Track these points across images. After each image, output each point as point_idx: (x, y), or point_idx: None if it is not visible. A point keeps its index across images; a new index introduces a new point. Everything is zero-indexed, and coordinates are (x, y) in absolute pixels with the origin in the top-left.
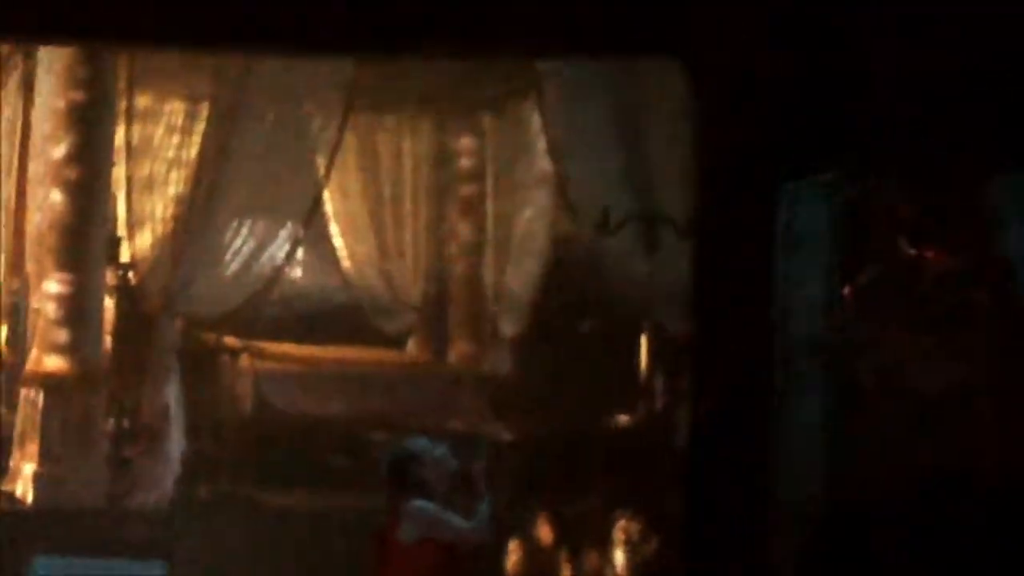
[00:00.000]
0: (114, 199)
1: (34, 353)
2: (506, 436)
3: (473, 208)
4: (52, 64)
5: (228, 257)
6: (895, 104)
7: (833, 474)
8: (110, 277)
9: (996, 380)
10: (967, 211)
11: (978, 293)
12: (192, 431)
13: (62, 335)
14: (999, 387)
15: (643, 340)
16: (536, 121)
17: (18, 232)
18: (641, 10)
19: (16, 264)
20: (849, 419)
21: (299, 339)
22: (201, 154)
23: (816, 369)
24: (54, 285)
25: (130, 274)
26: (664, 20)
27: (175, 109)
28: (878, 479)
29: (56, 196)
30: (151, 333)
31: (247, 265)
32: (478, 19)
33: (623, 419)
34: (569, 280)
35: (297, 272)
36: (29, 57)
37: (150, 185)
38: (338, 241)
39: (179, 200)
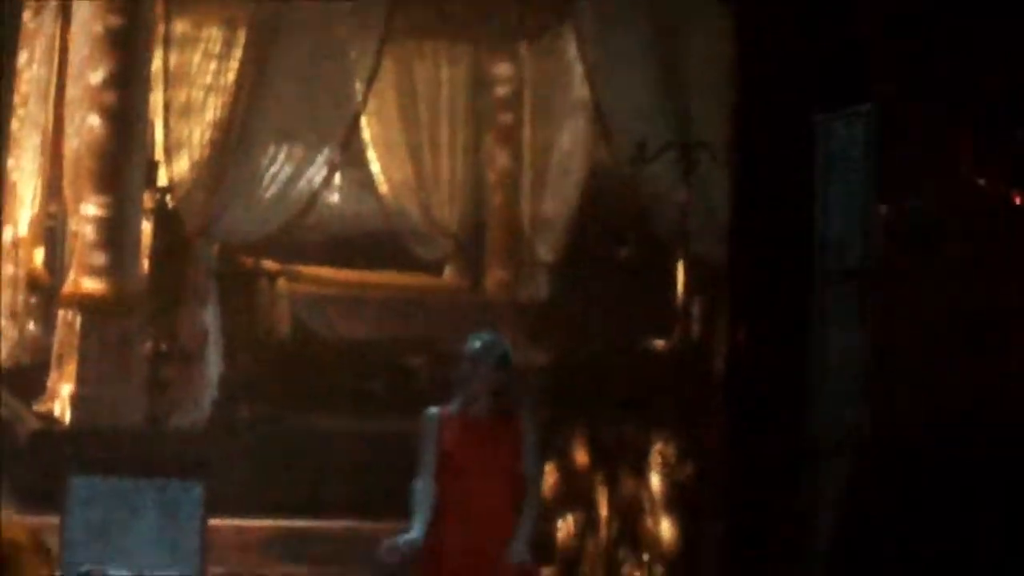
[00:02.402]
0: (151, 124)
1: (71, 275)
2: (542, 361)
3: (510, 136)
4: None
5: (265, 181)
6: (934, 32)
7: (869, 400)
8: (147, 201)
9: None
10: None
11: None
12: (229, 354)
13: (100, 258)
14: None
15: (680, 266)
16: (572, 48)
17: (56, 156)
18: None
19: (54, 187)
20: (886, 346)
21: (336, 263)
22: (238, 80)
23: (853, 296)
24: (92, 208)
25: (167, 198)
26: None
27: (212, 35)
28: (916, 406)
29: (94, 120)
30: (188, 256)
31: (284, 190)
32: None
33: (659, 344)
34: (606, 206)
35: (334, 197)
36: None
37: (187, 110)
38: (375, 167)
39: (216, 125)
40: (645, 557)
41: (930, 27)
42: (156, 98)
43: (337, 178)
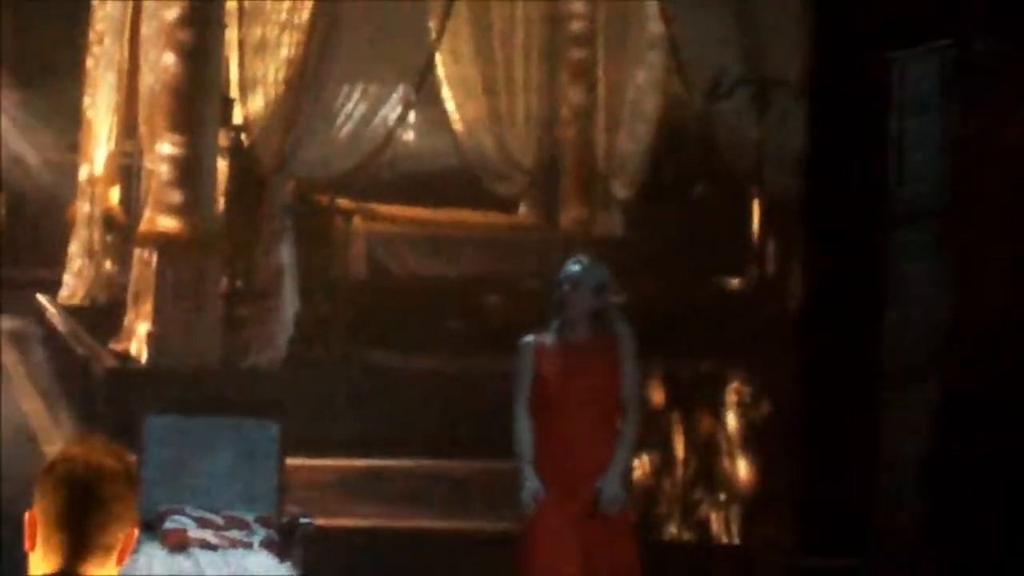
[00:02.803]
0: (226, 62)
1: (147, 214)
2: (617, 298)
3: (584, 72)
4: None
5: (340, 120)
6: None
7: (944, 335)
8: (223, 139)
9: None
10: None
11: None
12: (305, 292)
13: (175, 196)
14: None
15: (755, 203)
16: None
17: (131, 94)
18: None
19: (129, 125)
20: (961, 282)
21: (411, 201)
22: (313, 17)
23: (929, 233)
24: (167, 146)
25: (243, 136)
26: None
27: None
28: (991, 340)
29: (168, 58)
30: (264, 194)
31: (359, 128)
32: None
33: (735, 282)
34: (681, 143)
35: (409, 135)
36: None
37: (262, 48)
38: (450, 104)
39: (291, 63)
40: (722, 497)
41: None
42: (231, 36)
43: (412, 116)
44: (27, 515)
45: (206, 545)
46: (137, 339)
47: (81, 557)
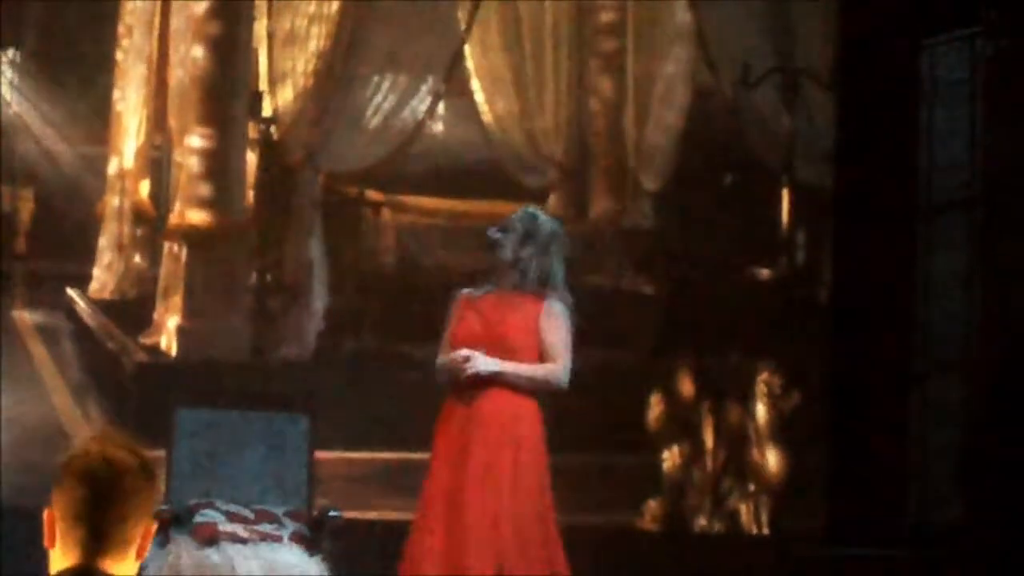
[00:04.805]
0: (255, 54)
1: (177, 207)
2: (647, 290)
3: (614, 63)
4: None
5: (369, 112)
6: None
7: (976, 326)
8: (252, 131)
9: None
10: None
11: None
12: (335, 285)
13: (205, 189)
14: None
15: (785, 193)
16: None
17: (160, 87)
18: None
19: (159, 119)
20: (991, 271)
21: (441, 193)
22: (342, 9)
23: (959, 223)
24: (196, 140)
25: (272, 128)
26: None
27: None
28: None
29: (198, 51)
30: (293, 187)
31: (388, 120)
32: None
33: (765, 272)
34: (710, 134)
35: (438, 127)
36: None
37: (291, 40)
38: (479, 96)
39: (320, 55)
40: (751, 487)
41: None
42: (260, 28)
43: (441, 108)
44: (45, 513)
45: (236, 539)
46: (167, 333)
47: (100, 552)
